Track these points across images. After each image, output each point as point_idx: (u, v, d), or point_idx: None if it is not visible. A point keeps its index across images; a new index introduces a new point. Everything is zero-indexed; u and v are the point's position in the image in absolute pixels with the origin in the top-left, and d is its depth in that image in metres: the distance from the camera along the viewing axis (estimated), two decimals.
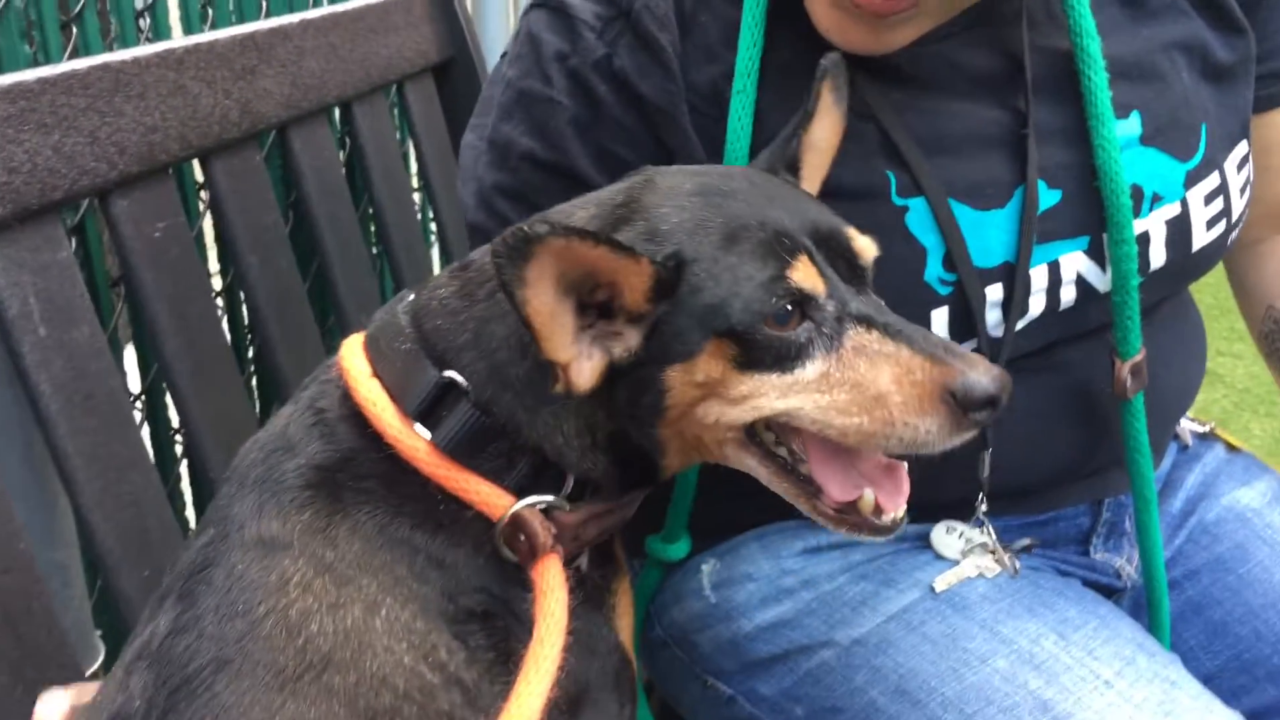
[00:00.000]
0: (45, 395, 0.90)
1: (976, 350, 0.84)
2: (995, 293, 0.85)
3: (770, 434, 0.71)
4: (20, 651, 0.85)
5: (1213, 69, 0.94)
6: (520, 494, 0.69)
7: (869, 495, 0.70)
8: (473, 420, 0.68)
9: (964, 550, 0.90)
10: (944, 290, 0.84)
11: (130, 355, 1.26)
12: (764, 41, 0.84)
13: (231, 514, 0.69)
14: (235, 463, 0.74)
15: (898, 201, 0.84)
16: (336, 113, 1.44)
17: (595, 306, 0.67)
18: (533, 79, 0.89)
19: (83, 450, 0.93)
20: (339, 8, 1.35)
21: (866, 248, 0.72)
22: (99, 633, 1.15)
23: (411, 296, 0.75)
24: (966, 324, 0.84)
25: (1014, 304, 0.84)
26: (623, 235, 0.68)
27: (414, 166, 1.65)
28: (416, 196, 1.67)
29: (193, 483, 1.31)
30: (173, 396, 1.09)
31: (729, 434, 0.70)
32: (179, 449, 1.29)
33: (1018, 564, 0.90)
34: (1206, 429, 1.07)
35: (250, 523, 0.68)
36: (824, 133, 0.80)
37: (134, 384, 1.25)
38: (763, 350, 0.67)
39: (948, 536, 0.91)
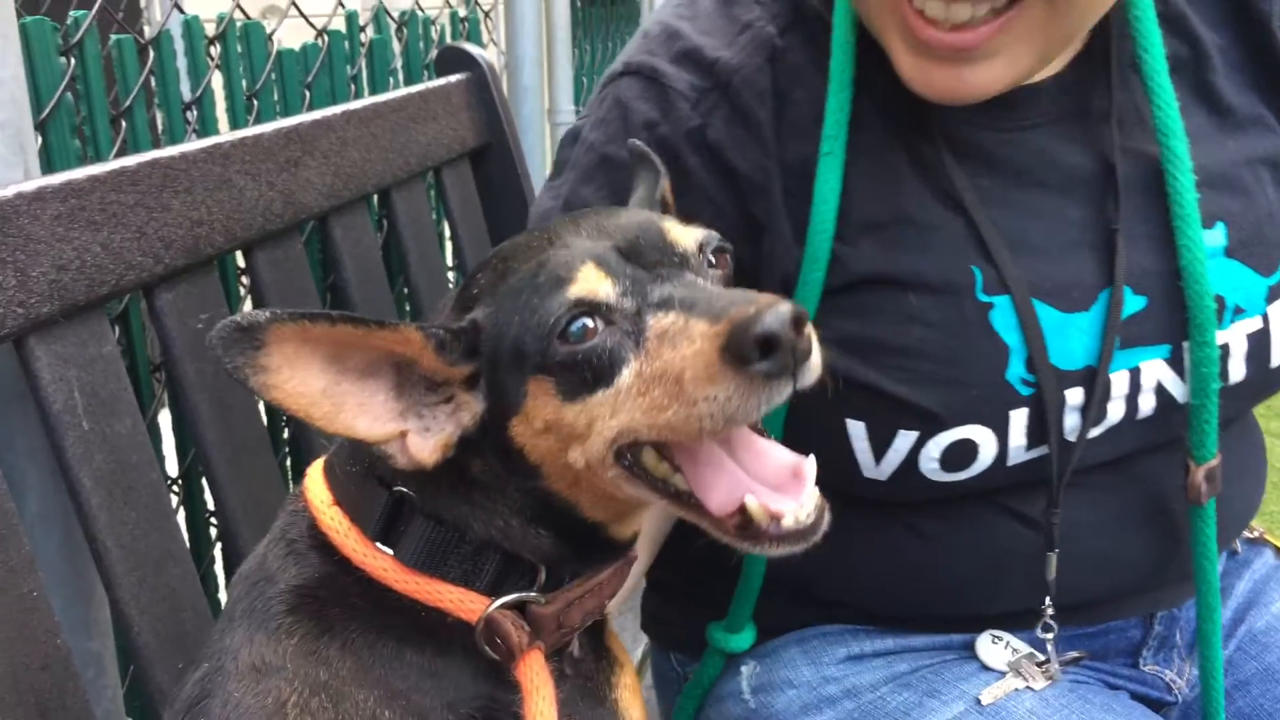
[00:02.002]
0: (86, 488, 0.91)
1: (1047, 456, 0.82)
2: (1075, 397, 0.84)
3: (663, 463, 0.66)
4: None
5: None
6: (494, 593, 0.69)
7: (752, 502, 0.63)
8: (429, 531, 0.69)
9: (1010, 661, 0.88)
10: (1025, 391, 0.83)
11: (168, 439, 1.27)
12: (851, 116, 0.84)
13: (224, 646, 0.71)
14: (227, 600, 0.75)
15: (982, 298, 0.83)
16: (374, 198, 1.46)
17: (425, 382, 0.68)
18: (617, 145, 0.89)
19: (122, 543, 0.93)
20: (381, 98, 1.37)
21: (682, 234, 0.68)
22: None
23: None
24: (1044, 426, 0.83)
25: (1092, 408, 0.83)
26: (457, 306, 0.71)
27: (449, 248, 1.67)
28: (451, 276, 1.68)
29: (226, 568, 1.30)
30: (210, 484, 1.09)
31: (607, 473, 0.65)
32: (213, 533, 1.29)
33: (1061, 676, 0.88)
34: (1256, 534, 1.05)
35: (242, 651, 0.69)
36: None
37: (170, 468, 1.25)
38: (575, 371, 0.64)
39: (994, 646, 0.89)
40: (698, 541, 0.69)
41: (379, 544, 0.69)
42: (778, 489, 0.63)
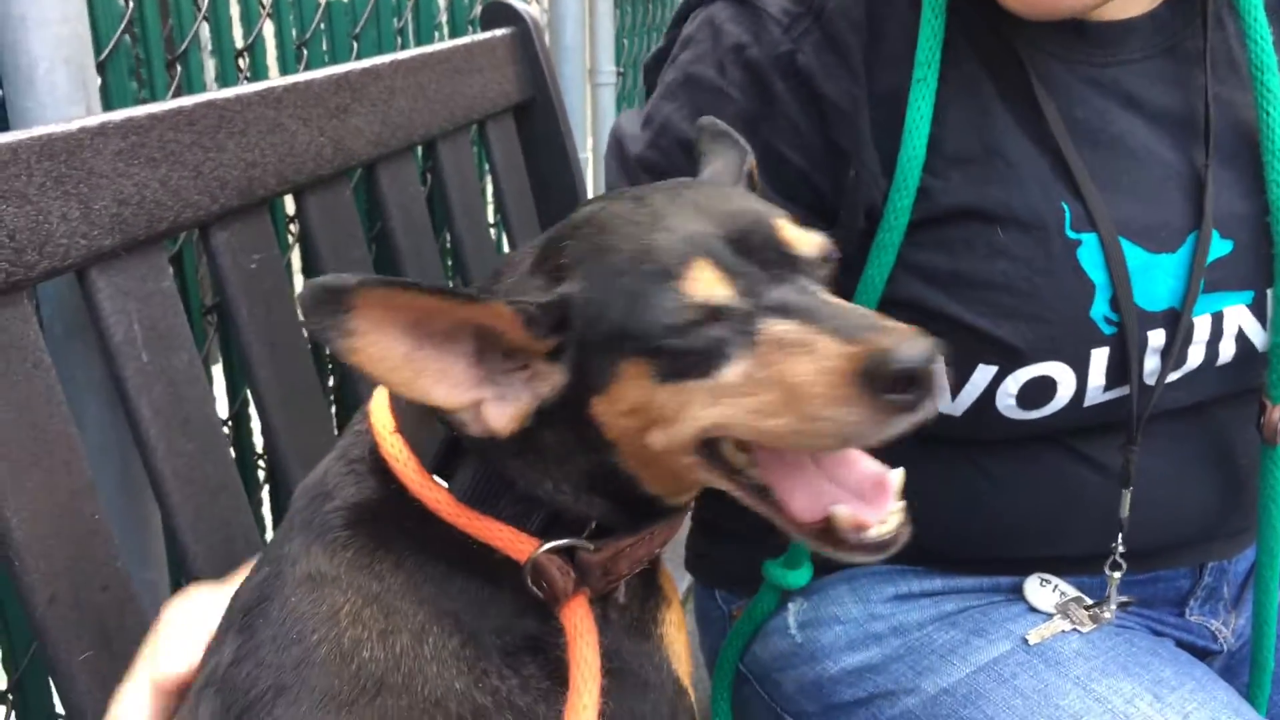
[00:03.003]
0: (145, 419, 0.93)
1: (1128, 397, 0.82)
2: (1157, 338, 0.84)
3: (741, 454, 0.65)
4: (113, 665, 0.86)
5: None
6: (543, 537, 0.69)
7: (842, 511, 0.61)
8: (481, 472, 0.69)
9: (1058, 604, 0.89)
10: (1108, 330, 0.83)
11: (218, 381, 1.29)
12: (944, 47, 0.83)
13: (283, 553, 0.72)
14: (290, 506, 0.77)
15: (1070, 235, 0.83)
16: (419, 149, 1.47)
17: (504, 351, 0.66)
18: (705, 65, 0.88)
19: (179, 473, 0.95)
20: (428, 49, 1.38)
21: (798, 238, 0.65)
22: None
23: None
24: (1125, 367, 0.83)
25: (1173, 351, 0.83)
26: (540, 272, 0.68)
27: (491, 202, 1.67)
28: (492, 231, 1.69)
29: (273, 508, 1.33)
30: (261, 423, 1.11)
31: (684, 459, 0.65)
32: (261, 474, 1.32)
33: (1109, 620, 0.89)
34: None
35: (300, 560, 0.71)
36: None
37: (220, 410, 1.27)
38: (675, 359, 0.62)
39: (1042, 589, 0.89)
40: None
41: (436, 477, 0.70)
42: (863, 499, 0.62)
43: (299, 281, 1.35)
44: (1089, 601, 0.89)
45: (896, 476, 0.64)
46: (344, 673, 0.66)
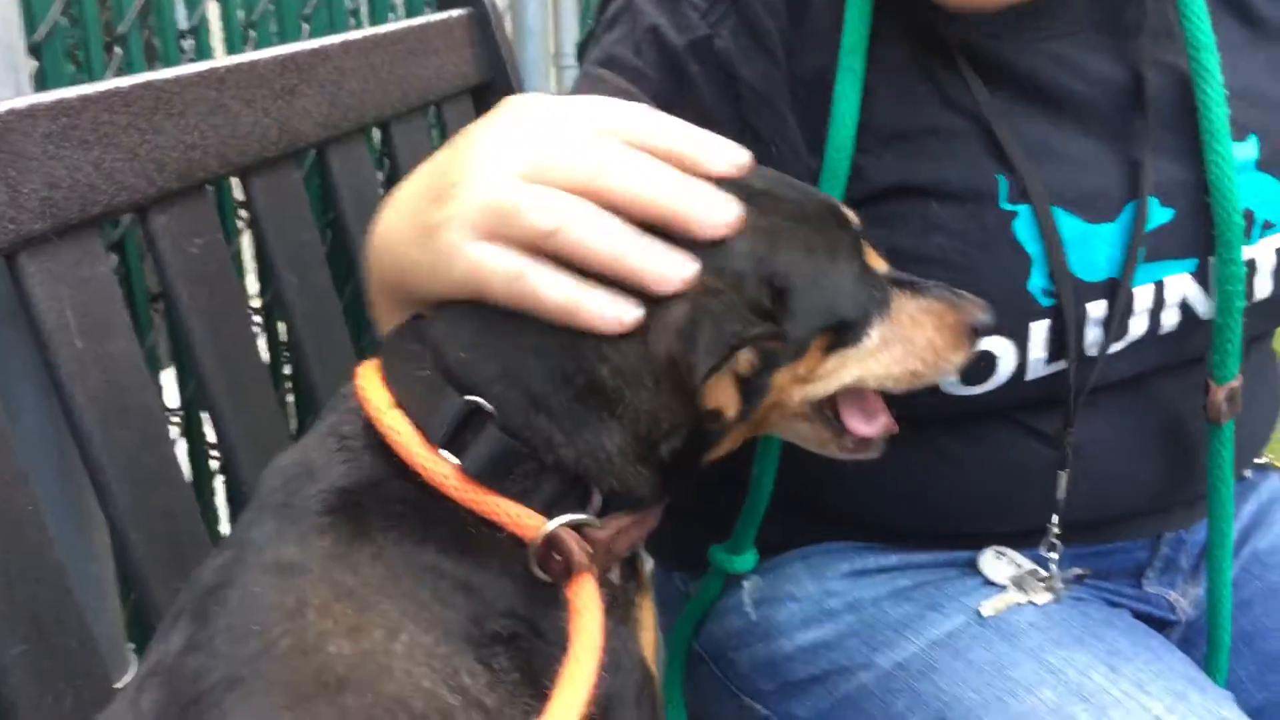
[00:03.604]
0: (80, 407, 0.91)
1: (1067, 371, 0.83)
2: (1098, 309, 0.83)
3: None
4: (51, 661, 0.84)
5: None
6: (548, 513, 0.68)
7: (884, 420, 0.77)
8: (499, 444, 0.67)
9: (1013, 576, 0.88)
10: (1046, 302, 0.82)
11: (170, 373, 1.27)
12: (871, 26, 0.83)
13: (249, 538, 0.69)
14: (257, 489, 0.73)
15: (1005, 206, 0.82)
16: (377, 133, 1.45)
17: None
18: (624, 47, 0.88)
19: (117, 462, 0.93)
20: (380, 29, 1.36)
21: (853, 215, 0.76)
22: (131, 646, 1.15)
23: (423, 323, 0.74)
24: (1064, 339, 0.82)
25: (1114, 321, 0.82)
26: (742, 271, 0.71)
27: None
28: None
29: (229, 500, 1.31)
30: (209, 412, 1.09)
31: (805, 409, 0.74)
32: (215, 464, 1.30)
33: (1064, 592, 0.88)
34: (1264, 460, 1.04)
35: (268, 547, 0.67)
36: None
37: (173, 401, 1.25)
38: (848, 329, 0.72)
39: (997, 561, 0.89)
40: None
41: (442, 450, 0.67)
42: (877, 414, 0.77)
43: (251, 268, 1.33)
44: (1044, 574, 0.88)
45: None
46: (305, 668, 0.63)
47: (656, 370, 0.67)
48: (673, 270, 0.63)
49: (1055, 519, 0.86)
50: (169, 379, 1.26)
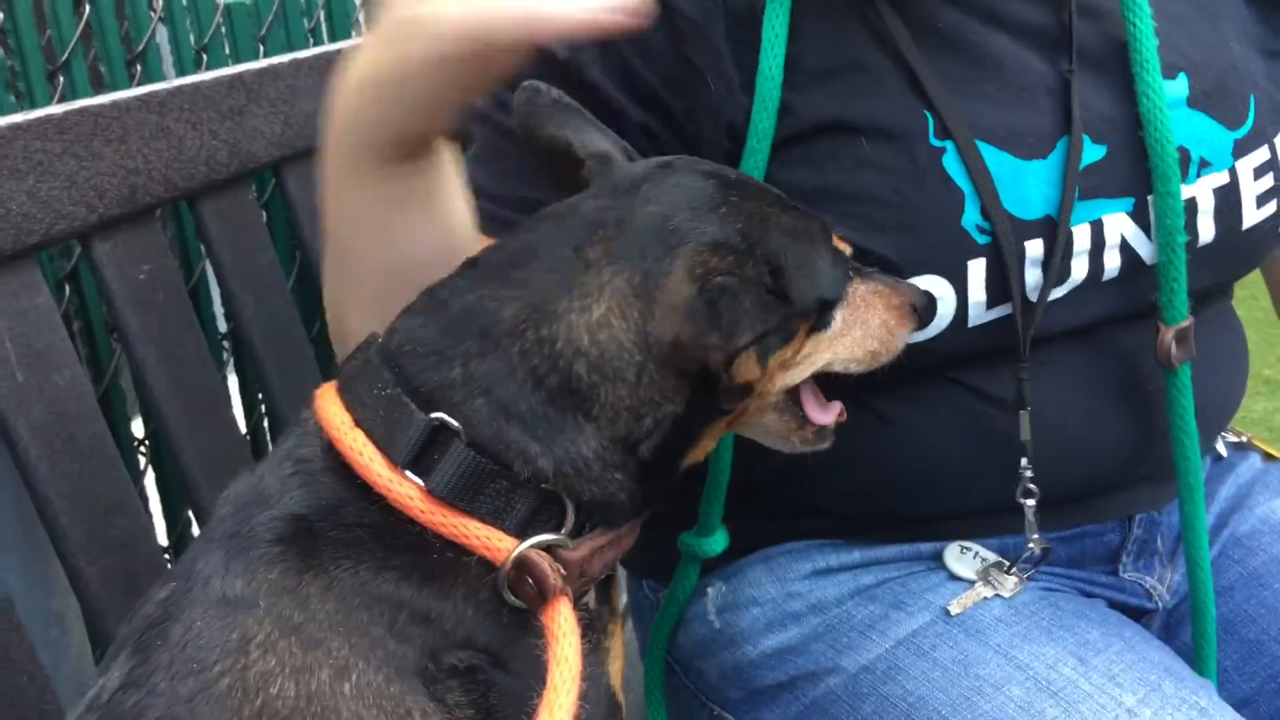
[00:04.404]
0: (24, 439, 0.89)
1: (1013, 316, 0.82)
2: (1035, 249, 0.81)
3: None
4: None
5: (1260, 44, 0.91)
6: (521, 535, 0.65)
7: (836, 409, 0.79)
8: (468, 462, 0.65)
9: (979, 570, 0.85)
10: (982, 240, 0.80)
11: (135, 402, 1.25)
12: None
13: (195, 569, 0.66)
14: (210, 518, 0.71)
15: (935, 143, 0.81)
16: None
17: None
18: None
19: (65, 494, 0.91)
20: (333, 46, 1.35)
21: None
22: None
23: (380, 339, 0.71)
24: (1005, 281, 0.81)
25: (1054, 261, 0.81)
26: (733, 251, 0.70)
27: None
28: None
29: (199, 524, 1.29)
30: (164, 438, 1.07)
31: (779, 398, 0.74)
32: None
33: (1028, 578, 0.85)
34: (1243, 439, 1.01)
35: (214, 579, 0.64)
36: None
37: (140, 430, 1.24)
38: (823, 314, 0.73)
39: (963, 556, 0.86)
40: None
41: (407, 471, 0.65)
42: (821, 404, 0.79)
43: (215, 293, 1.32)
44: (1008, 564, 0.85)
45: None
46: (244, 710, 0.60)
47: (655, 356, 0.65)
48: None
49: (1025, 461, 0.83)
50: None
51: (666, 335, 0.65)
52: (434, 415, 0.65)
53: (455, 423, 0.65)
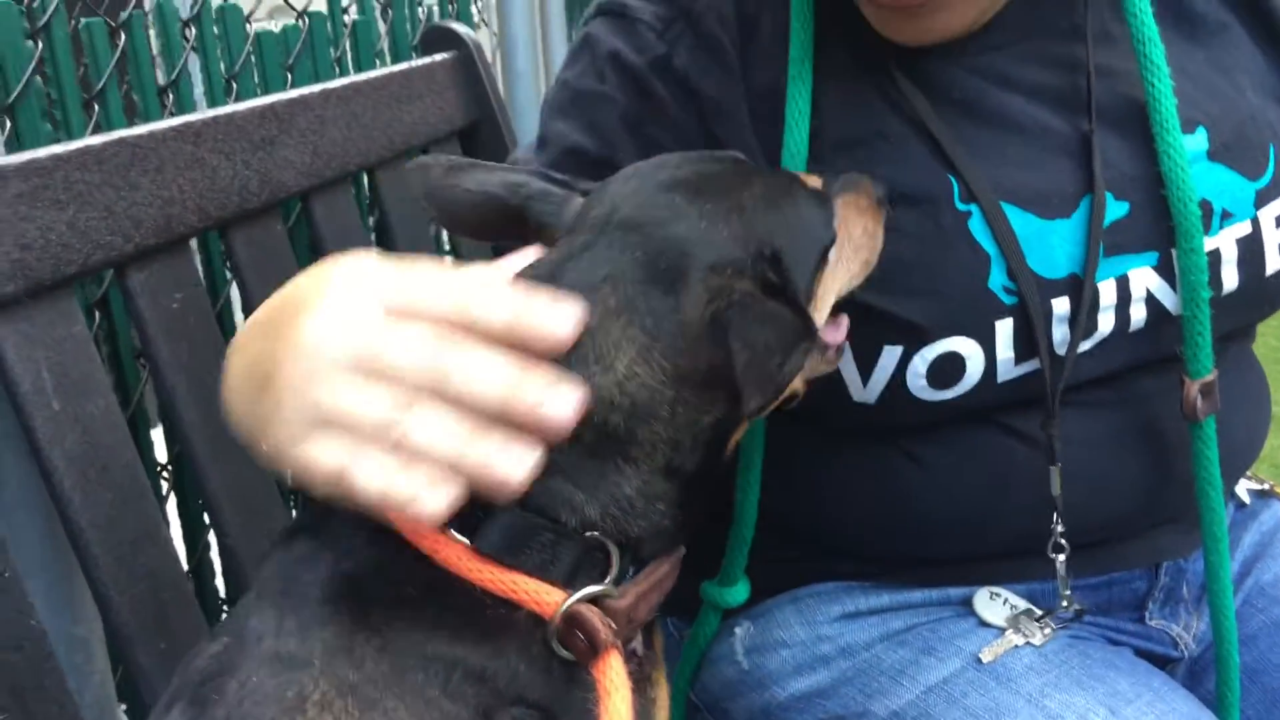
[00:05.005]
0: (59, 470, 0.90)
1: (1040, 372, 0.83)
2: (1062, 306, 0.82)
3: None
4: None
5: (1277, 93, 0.92)
6: (568, 585, 0.65)
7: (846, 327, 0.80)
8: (513, 518, 0.65)
9: (1009, 617, 0.86)
10: (1009, 300, 0.81)
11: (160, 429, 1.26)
12: (816, 39, 0.85)
13: (248, 625, 0.66)
14: (257, 573, 0.71)
15: (960, 206, 0.82)
16: (364, 177, 1.45)
17: None
18: (587, 78, 0.90)
19: (97, 523, 0.92)
20: (361, 77, 1.36)
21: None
22: (124, 707, 1.14)
23: None
24: (1032, 338, 0.82)
25: (1080, 318, 0.82)
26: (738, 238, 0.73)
27: (443, 229, 1.65)
28: (448, 258, 1.67)
29: (221, 553, 1.29)
30: (192, 466, 1.08)
31: None
32: (207, 518, 1.28)
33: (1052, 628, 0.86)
34: (1265, 486, 1.02)
35: (267, 636, 0.65)
36: None
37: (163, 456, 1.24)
38: (826, 252, 0.74)
39: (992, 603, 0.86)
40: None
41: (452, 530, 0.64)
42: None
43: (239, 318, 1.32)
44: (1039, 613, 0.85)
45: None
46: None
47: (687, 385, 0.66)
48: (513, 467, 0.58)
49: (1056, 517, 0.84)
50: (159, 434, 1.25)
51: (700, 364, 0.66)
52: None
53: None
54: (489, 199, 0.76)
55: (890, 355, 0.81)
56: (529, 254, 0.73)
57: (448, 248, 1.68)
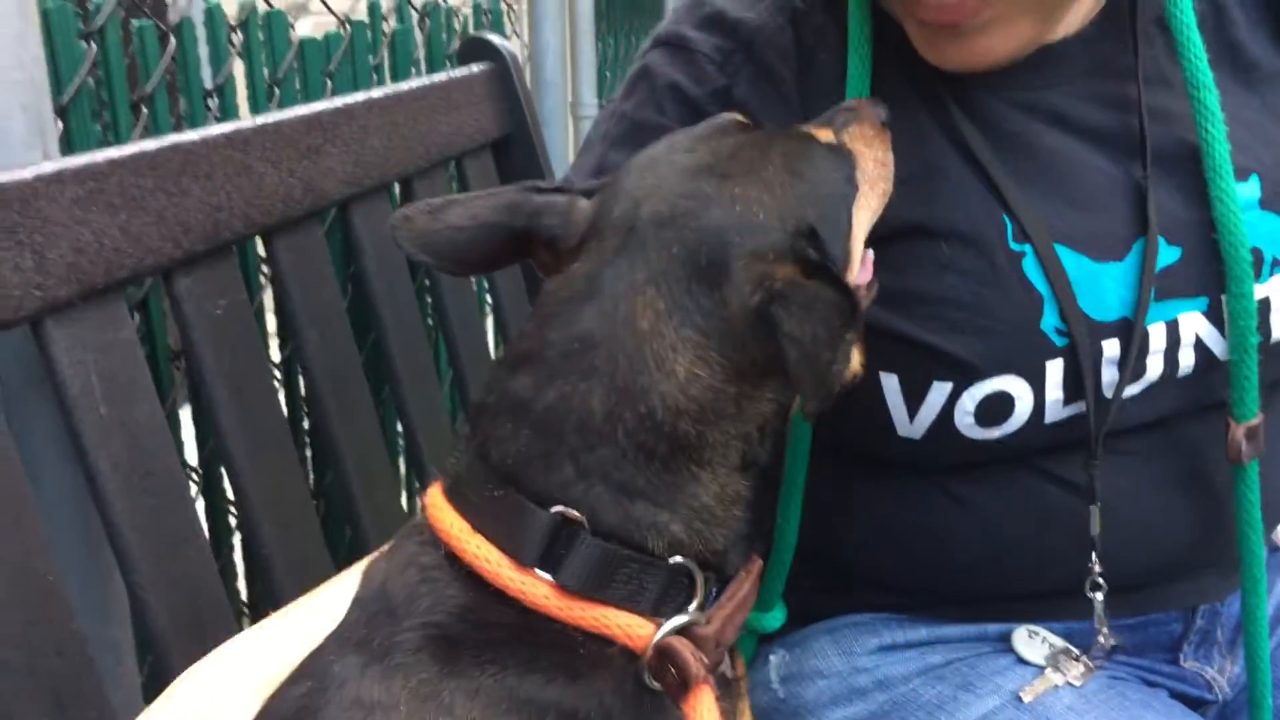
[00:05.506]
0: (103, 473, 0.90)
1: (1086, 413, 0.83)
2: (1112, 349, 0.83)
3: None
4: None
5: None
6: (655, 614, 0.65)
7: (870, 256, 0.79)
8: (597, 551, 0.64)
9: (1047, 656, 0.86)
10: (1060, 341, 0.82)
11: (188, 428, 1.26)
12: (873, 72, 0.85)
13: (332, 670, 0.65)
14: (340, 622, 0.70)
15: (1014, 247, 0.83)
16: (397, 189, 1.45)
17: None
18: (647, 110, 0.90)
19: (138, 527, 0.92)
20: (403, 86, 1.36)
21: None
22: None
23: (477, 444, 0.70)
24: (1081, 379, 0.82)
25: (1129, 361, 0.82)
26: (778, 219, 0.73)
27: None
28: None
29: (245, 558, 1.30)
30: (228, 472, 1.08)
31: None
32: (233, 522, 1.29)
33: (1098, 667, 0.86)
34: None
35: (351, 683, 0.64)
36: None
37: (190, 456, 1.25)
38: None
39: (1030, 640, 0.87)
40: None
41: (538, 569, 0.64)
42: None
43: (271, 324, 1.33)
44: (1077, 652, 0.86)
45: None
46: None
47: (749, 378, 0.66)
48: None
49: (1095, 557, 0.85)
50: (187, 434, 1.25)
51: (756, 356, 0.65)
52: (555, 510, 0.65)
53: (577, 514, 0.65)
54: (487, 229, 0.75)
55: (939, 392, 0.81)
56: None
57: None
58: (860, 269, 0.76)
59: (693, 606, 0.66)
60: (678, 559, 0.66)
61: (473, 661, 0.63)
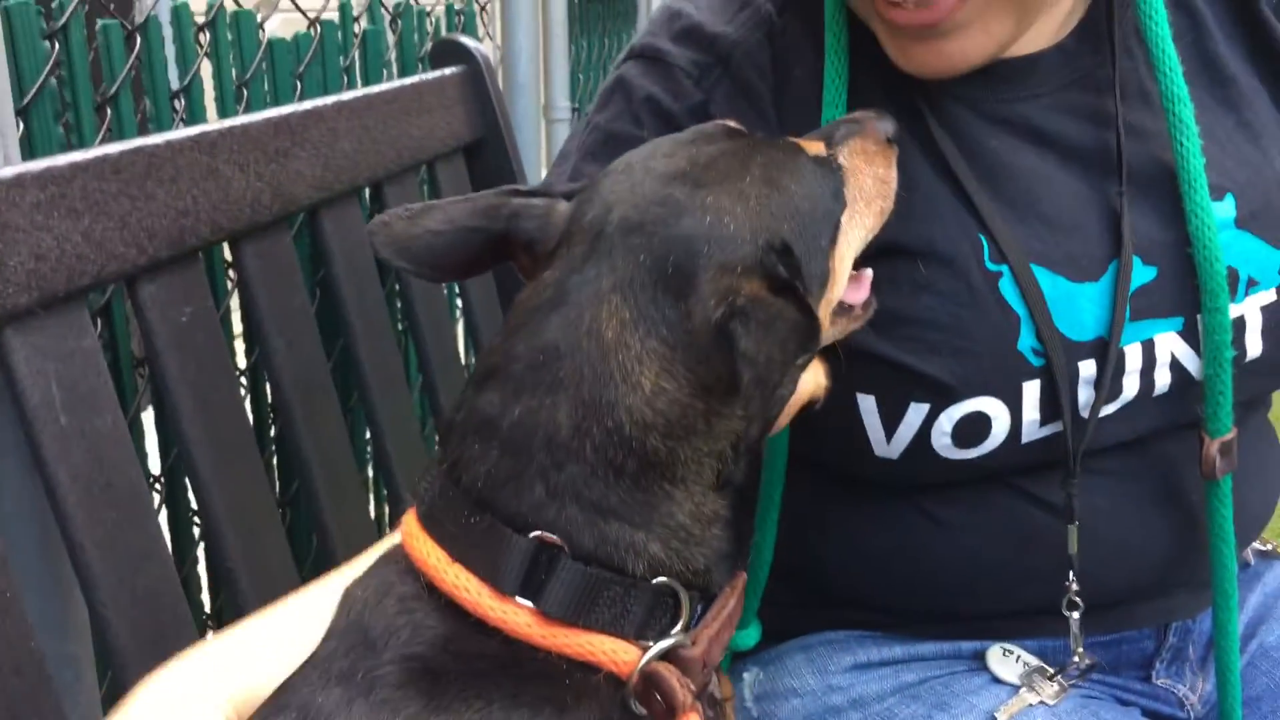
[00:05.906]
0: (63, 485, 0.87)
1: (1063, 433, 0.83)
2: (1088, 369, 0.83)
3: None
4: None
5: None
6: (641, 637, 0.64)
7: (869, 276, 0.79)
8: (578, 575, 0.63)
9: (1021, 675, 0.86)
10: (1037, 362, 0.82)
11: (151, 435, 1.24)
12: (850, 90, 0.85)
13: (315, 702, 0.63)
14: (315, 651, 0.67)
15: (991, 267, 0.83)
16: (367, 193, 1.43)
17: None
18: (623, 122, 0.89)
19: (99, 541, 0.90)
20: (374, 89, 1.34)
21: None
22: None
23: (448, 467, 0.68)
24: (1056, 399, 0.82)
25: (1105, 380, 0.82)
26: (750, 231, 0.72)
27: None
28: None
29: (209, 568, 1.27)
30: (191, 481, 1.06)
31: (829, 315, 0.74)
32: (196, 532, 1.26)
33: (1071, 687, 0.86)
34: (1268, 547, 1.03)
35: (336, 714, 0.62)
36: None
37: (153, 465, 1.22)
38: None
39: (1005, 659, 0.87)
40: None
41: (518, 597, 0.62)
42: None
43: (238, 327, 1.30)
44: (1051, 671, 0.86)
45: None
46: None
47: (718, 396, 0.64)
48: None
49: (1072, 575, 0.85)
50: (150, 444, 1.23)
51: (720, 372, 0.63)
52: (533, 535, 0.63)
53: (555, 538, 0.63)
54: (465, 233, 0.73)
55: (916, 412, 0.81)
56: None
57: None
58: (854, 288, 0.75)
59: (678, 628, 0.64)
60: (661, 579, 0.64)
61: (458, 696, 0.62)
